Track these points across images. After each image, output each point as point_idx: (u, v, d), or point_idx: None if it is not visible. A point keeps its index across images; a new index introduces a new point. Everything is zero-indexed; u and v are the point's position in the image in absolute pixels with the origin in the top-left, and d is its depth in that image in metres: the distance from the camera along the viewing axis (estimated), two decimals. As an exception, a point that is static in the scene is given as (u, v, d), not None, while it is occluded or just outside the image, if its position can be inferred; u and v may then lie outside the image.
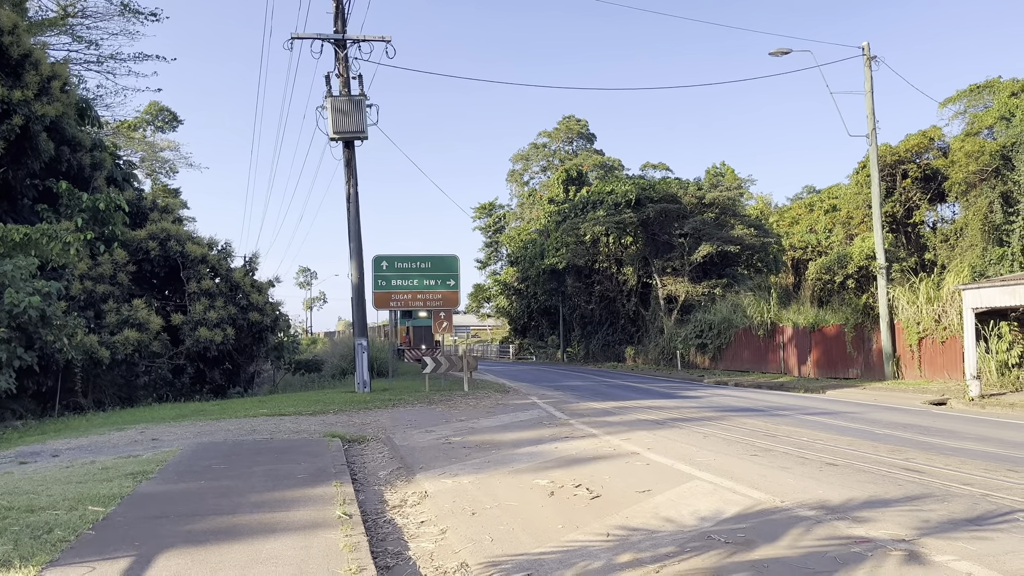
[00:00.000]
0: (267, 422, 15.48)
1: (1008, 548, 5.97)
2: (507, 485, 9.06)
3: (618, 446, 11.67)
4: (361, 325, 24.32)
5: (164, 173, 56.64)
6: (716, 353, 36.24)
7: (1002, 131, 28.77)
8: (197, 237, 27.68)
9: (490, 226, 77.23)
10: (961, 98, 35.44)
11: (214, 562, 5.78)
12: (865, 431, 13.49)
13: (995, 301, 18.91)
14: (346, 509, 7.43)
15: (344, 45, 23.52)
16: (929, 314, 24.23)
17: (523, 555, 6.28)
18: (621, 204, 44.00)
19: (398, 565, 6.32)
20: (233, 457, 10.82)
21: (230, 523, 6.98)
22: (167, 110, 56.21)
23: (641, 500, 8.03)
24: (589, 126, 73.76)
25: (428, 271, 25.05)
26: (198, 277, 26.07)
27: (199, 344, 24.73)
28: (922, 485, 8.51)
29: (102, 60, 35.57)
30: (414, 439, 13.30)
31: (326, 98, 23.24)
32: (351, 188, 23.78)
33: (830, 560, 5.78)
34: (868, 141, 26.34)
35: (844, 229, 35.08)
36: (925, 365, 24.47)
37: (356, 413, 17.59)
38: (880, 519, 6.94)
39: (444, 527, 7.37)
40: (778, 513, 7.29)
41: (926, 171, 28.89)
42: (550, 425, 14.56)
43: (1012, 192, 24.68)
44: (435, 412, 17.53)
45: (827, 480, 8.84)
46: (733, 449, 11.29)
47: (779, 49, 25.96)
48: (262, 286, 28.35)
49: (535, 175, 75.78)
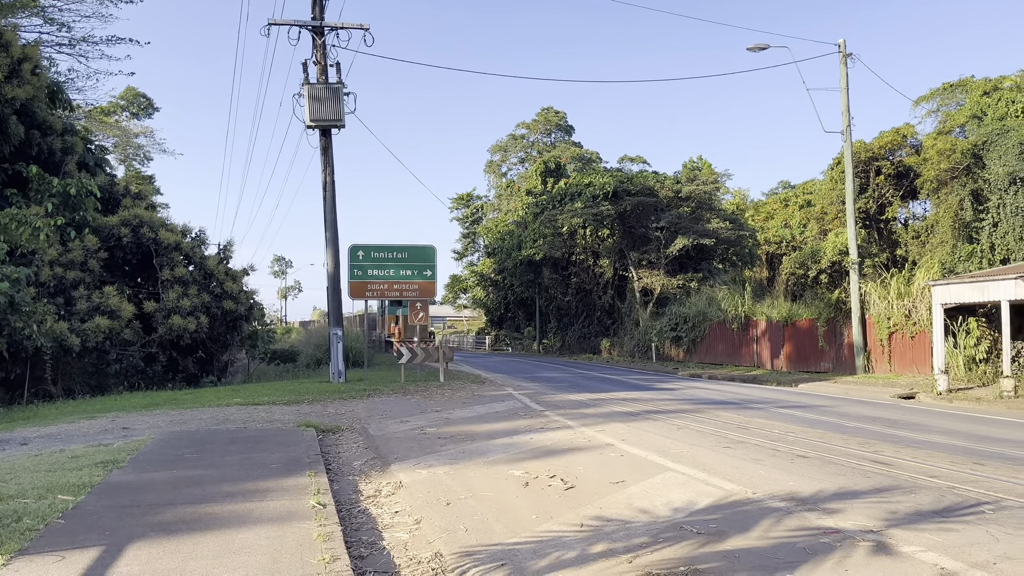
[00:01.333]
0: (241, 411, 15.36)
1: (973, 540, 6.09)
2: (482, 476, 9.08)
3: (593, 437, 11.73)
4: (336, 315, 24.20)
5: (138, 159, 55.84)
6: (691, 346, 36.52)
7: (973, 130, 29.20)
8: (171, 224, 27.36)
9: (468, 217, 77.10)
10: (934, 96, 35.94)
11: (185, 552, 5.74)
12: (835, 424, 13.68)
13: (964, 297, 19.23)
14: (320, 499, 7.41)
15: (322, 32, 23.30)
16: (900, 309, 24.58)
17: (497, 545, 6.30)
18: (599, 196, 44.10)
19: (372, 555, 6.31)
20: (206, 446, 10.73)
21: (202, 513, 6.93)
22: (143, 96, 55.39)
23: (615, 491, 8.09)
24: (567, 118, 73.84)
25: (405, 261, 24.95)
26: (171, 264, 25.78)
27: (172, 332, 24.48)
28: (890, 477, 8.65)
29: (74, 43, 34.98)
30: (389, 429, 13.27)
31: (303, 85, 23.02)
32: (327, 176, 23.60)
33: (800, 551, 5.86)
34: (843, 138, 26.61)
35: (818, 224, 35.44)
36: (895, 359, 24.83)
37: (331, 403, 17.51)
38: (849, 510, 7.05)
39: (418, 517, 7.37)
40: (750, 504, 7.38)
41: (899, 168, 29.24)
42: (525, 416, 14.60)
43: (982, 190, 25.06)
44: (410, 402, 17.50)
45: (798, 472, 8.95)
46: (706, 441, 11.39)
47: (757, 45, 26.12)
48: (236, 274, 28.11)
49: (513, 166, 75.75)
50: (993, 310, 20.05)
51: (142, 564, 5.46)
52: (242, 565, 5.44)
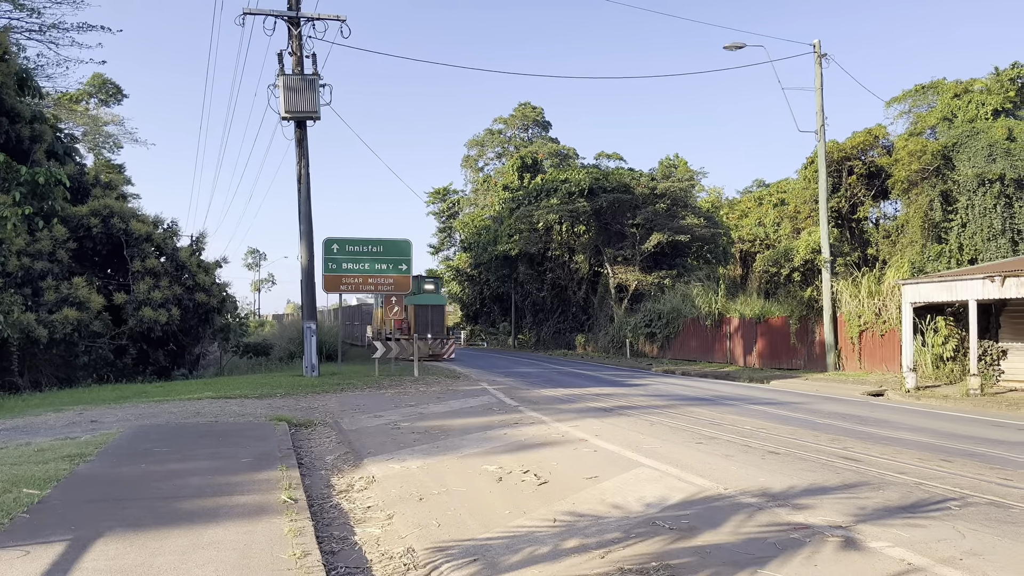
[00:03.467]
0: (212, 405, 15.21)
1: (939, 536, 6.18)
2: (455, 471, 9.06)
3: (567, 433, 11.76)
4: (310, 308, 24.03)
5: (108, 148, 54.88)
6: (664, 342, 36.72)
7: (944, 131, 29.60)
8: (142, 215, 26.99)
9: (444, 211, 76.87)
10: (907, 98, 36.36)
11: (153, 547, 5.66)
12: (806, 420, 13.83)
13: (932, 297, 19.51)
14: (292, 494, 7.35)
15: (298, 23, 23.08)
16: (870, 308, 24.89)
17: (470, 540, 6.29)
18: (575, 193, 44.17)
19: (344, 550, 6.28)
20: (176, 440, 10.60)
21: (171, 508, 6.84)
22: (111, 83, 54.41)
23: (588, 486, 8.11)
24: (545, 114, 73.74)
25: (380, 255, 24.82)
26: (142, 256, 25.44)
27: (143, 324, 24.16)
28: (859, 473, 8.76)
29: (44, 29, 34.23)
30: (362, 424, 13.21)
31: (278, 76, 22.80)
32: (302, 168, 23.40)
33: (770, 546, 5.92)
34: (817, 137, 26.86)
35: (792, 223, 35.76)
36: (865, 357, 25.16)
37: (304, 397, 17.40)
38: (819, 506, 7.13)
39: (391, 512, 7.34)
40: (721, 500, 7.43)
41: (871, 168, 29.58)
42: (500, 411, 14.60)
43: (951, 191, 25.43)
44: (384, 397, 17.43)
45: (769, 468, 9.03)
46: (679, 437, 11.46)
47: (734, 43, 26.27)
48: (209, 266, 27.81)
49: (490, 161, 75.59)
50: (961, 309, 20.36)
51: (109, 559, 5.38)
52: (211, 560, 5.38)
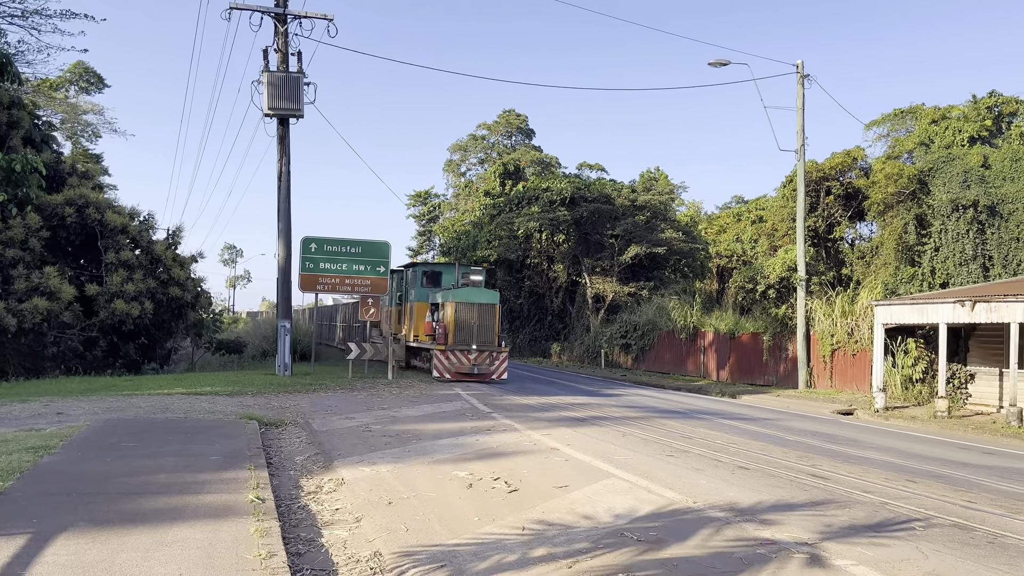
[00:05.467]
0: (182, 401, 15.04)
1: (903, 556, 6.25)
2: (426, 476, 9.03)
3: (539, 441, 11.76)
4: (285, 306, 23.87)
5: (86, 137, 54.22)
6: (639, 354, 36.87)
7: (921, 156, 30.12)
8: (118, 206, 26.67)
9: (424, 214, 76.70)
10: (885, 121, 36.99)
11: (116, 543, 5.58)
12: (777, 437, 13.94)
13: (904, 318, 19.77)
14: (259, 493, 7.28)
15: (285, 20, 22.97)
16: (843, 327, 25.17)
17: (438, 546, 6.26)
18: (556, 201, 44.29)
19: (310, 552, 6.22)
20: (143, 435, 10.47)
21: (136, 504, 6.75)
22: (92, 71, 53.77)
23: (558, 495, 8.11)
24: (529, 122, 73.93)
25: (358, 256, 24.67)
26: (117, 248, 25.13)
27: (114, 317, 23.86)
28: (827, 491, 8.84)
29: (27, 14, 33.78)
30: (334, 425, 13.12)
31: (263, 72, 22.67)
32: (283, 166, 23.27)
33: (736, 561, 5.95)
34: (796, 157, 27.16)
35: (769, 240, 36.12)
36: (836, 376, 25.42)
37: (275, 396, 17.25)
38: (786, 522, 7.18)
39: (359, 515, 7.29)
40: (690, 513, 7.46)
41: (848, 189, 29.97)
42: (473, 418, 14.57)
43: (926, 215, 25.83)
44: (357, 399, 17.33)
45: (738, 483, 9.09)
46: (650, 449, 11.51)
47: (718, 60, 26.51)
48: (184, 261, 27.55)
49: (472, 167, 75.58)
50: (931, 332, 20.65)
51: (70, 554, 5.30)
52: (174, 559, 5.32)
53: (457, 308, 21.13)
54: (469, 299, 21.49)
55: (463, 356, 20.84)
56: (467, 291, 21.63)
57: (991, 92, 32.23)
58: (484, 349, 21.03)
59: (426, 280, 24.70)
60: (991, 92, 32.23)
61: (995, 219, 24.34)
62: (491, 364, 21.33)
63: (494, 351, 21.26)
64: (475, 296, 21.68)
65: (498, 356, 21.35)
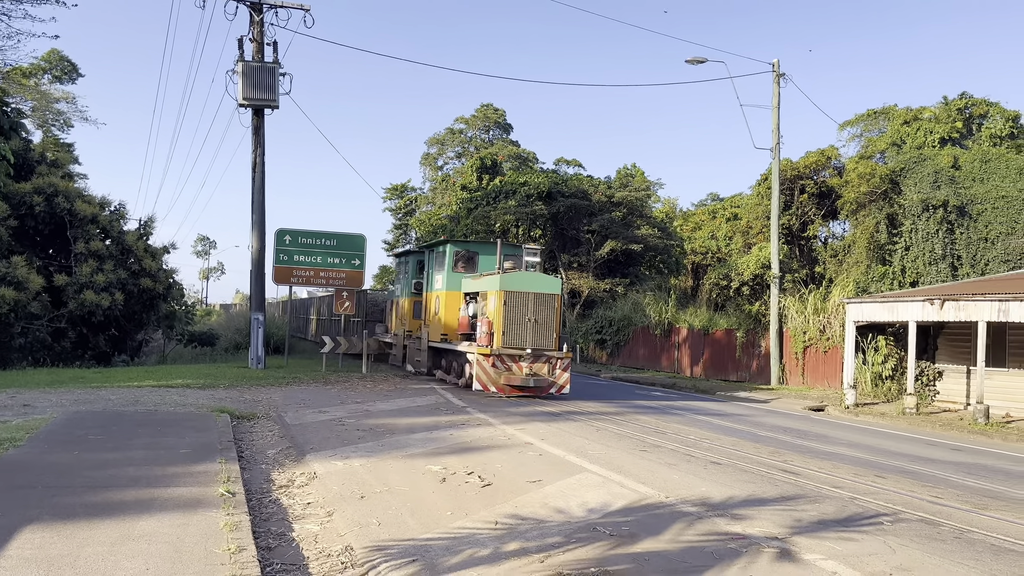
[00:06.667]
0: (152, 393, 14.85)
1: (871, 550, 6.32)
2: (399, 470, 8.99)
3: (513, 436, 11.75)
4: (259, 299, 23.65)
5: (58, 126, 53.33)
6: (614, 349, 37.02)
7: (893, 156, 30.50)
8: (88, 195, 26.26)
9: (401, 208, 76.35)
10: (859, 122, 37.40)
11: (82, 537, 5.49)
12: (749, 432, 14.06)
13: (875, 316, 20.02)
14: (230, 487, 7.20)
15: (260, 9, 22.70)
16: (815, 324, 25.44)
17: (410, 540, 6.24)
18: (533, 196, 44.29)
19: (280, 546, 6.17)
20: (112, 428, 10.32)
21: (103, 497, 6.65)
22: (67, 60, 52.91)
23: (532, 490, 8.11)
24: (507, 116, 73.85)
25: (333, 248, 24.52)
26: (87, 237, 24.73)
27: (84, 308, 23.49)
28: (797, 486, 8.92)
29: (-5, -2, 33.13)
30: (307, 419, 13.02)
31: (237, 62, 22.39)
32: (258, 157, 23.03)
33: (707, 555, 5.99)
34: (772, 155, 27.37)
35: (743, 238, 36.39)
36: (808, 372, 25.70)
37: (248, 389, 17.09)
38: (757, 517, 7.24)
39: (331, 509, 7.24)
40: (662, 508, 7.50)
41: (822, 188, 30.26)
42: (447, 412, 14.53)
43: (897, 215, 26.15)
44: (330, 393, 17.22)
45: (711, 478, 9.15)
46: (624, 444, 11.55)
47: (695, 57, 26.63)
48: (156, 252, 27.19)
49: (449, 160, 75.33)
50: (901, 330, 20.93)
51: (35, 548, 5.21)
52: (141, 553, 5.24)
53: (507, 299, 16.70)
54: (524, 286, 17.00)
55: (515, 364, 16.60)
56: (521, 276, 17.29)
57: (962, 94, 32.71)
58: (542, 354, 16.80)
59: (458, 263, 20.16)
60: (962, 94, 32.71)
61: (964, 219, 24.71)
62: (551, 374, 16.93)
63: (554, 357, 16.97)
64: (531, 283, 17.23)
65: (559, 363, 17.06)
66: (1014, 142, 29.67)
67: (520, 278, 17.24)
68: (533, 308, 16.89)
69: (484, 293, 17.83)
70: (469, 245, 21.57)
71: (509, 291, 16.85)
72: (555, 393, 17.24)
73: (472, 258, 20.27)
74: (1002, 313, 16.46)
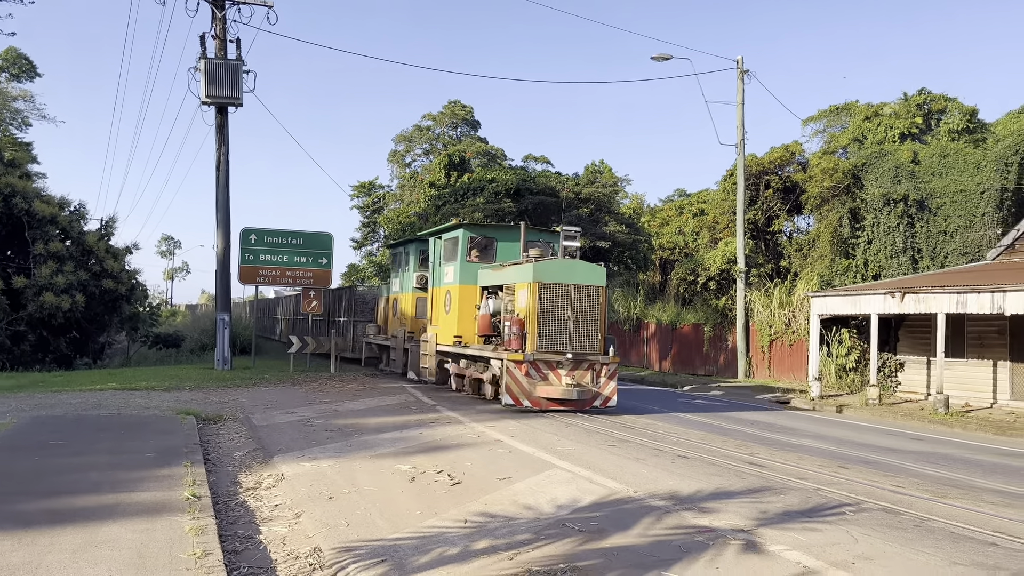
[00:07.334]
0: (115, 396, 14.62)
1: (834, 540, 6.43)
2: (368, 470, 8.95)
3: (483, 433, 11.76)
4: (224, 299, 23.37)
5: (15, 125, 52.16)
6: (584, 345, 37.16)
7: (855, 151, 30.96)
8: (47, 195, 25.72)
9: (368, 206, 75.84)
10: (822, 117, 37.87)
11: (43, 544, 5.40)
12: (716, 426, 14.21)
13: (838, 309, 20.34)
14: (195, 491, 7.12)
15: (222, 5, 22.41)
16: (781, 318, 25.80)
17: (379, 540, 6.21)
18: (501, 193, 44.27)
19: (247, 549, 6.11)
20: (74, 433, 10.14)
21: (65, 503, 6.53)
22: (24, 57, 51.78)
23: (501, 487, 8.13)
24: (475, 113, 73.71)
25: (300, 247, 24.29)
26: (46, 238, 24.24)
27: (43, 310, 23.03)
28: (763, 479, 9.04)
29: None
30: (274, 420, 12.91)
31: (200, 60, 22.08)
32: (222, 155, 22.75)
33: (675, 548, 6.05)
34: (737, 151, 27.68)
35: (710, 233, 36.74)
36: (774, 365, 26.05)
37: (214, 391, 16.89)
38: (724, 510, 7.32)
39: (299, 511, 7.19)
40: (631, 503, 7.55)
41: (787, 183, 30.64)
42: (417, 411, 14.49)
43: (859, 209, 26.59)
44: (298, 393, 17.08)
45: (679, 472, 9.23)
46: (593, 439, 11.61)
47: (661, 55, 26.86)
48: (118, 252, 26.75)
49: (417, 157, 74.99)
50: (864, 322, 21.30)
51: (-8, 558, 5.10)
52: (104, 559, 5.16)
53: (543, 292, 14.19)
54: (562, 277, 14.45)
55: (552, 371, 14.16)
56: (558, 265, 14.72)
57: (921, 90, 33.25)
58: (584, 359, 14.26)
59: (473, 250, 17.55)
60: (921, 90, 33.25)
61: (924, 213, 25.20)
62: (594, 382, 14.42)
63: (599, 362, 14.39)
64: (571, 273, 14.63)
65: (605, 369, 14.49)
66: (971, 137, 30.23)
67: (557, 267, 14.65)
68: (574, 303, 14.39)
69: (511, 286, 15.35)
70: (486, 229, 18.76)
71: (544, 283, 14.28)
72: (600, 406, 14.63)
73: (489, 245, 17.76)
74: (960, 305, 16.81)
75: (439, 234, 19.08)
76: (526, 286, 14.46)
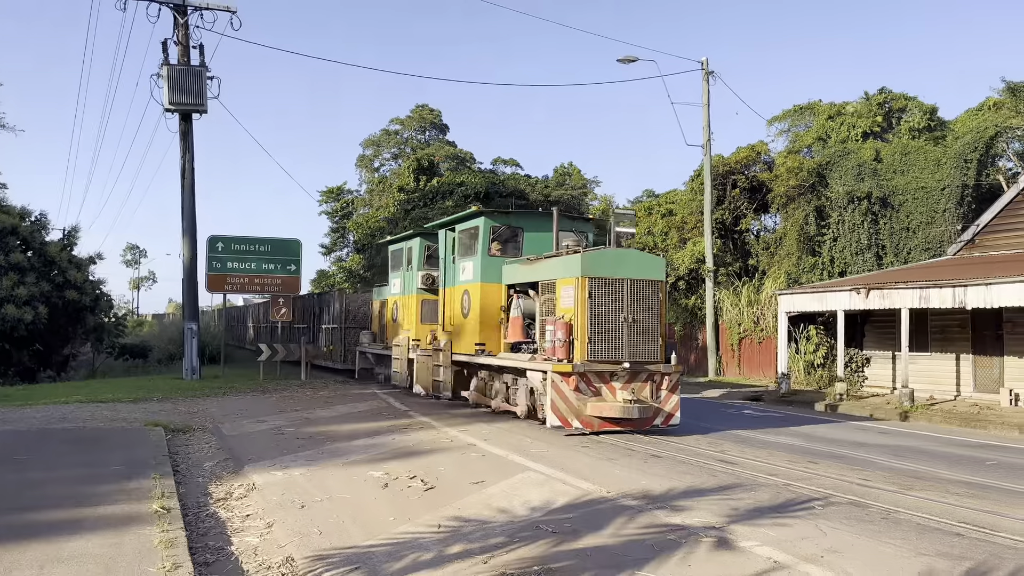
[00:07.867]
0: (81, 409, 14.37)
1: (803, 534, 6.52)
2: (340, 477, 8.90)
3: (456, 437, 11.74)
4: (192, 308, 23.11)
5: (-29, 133, 51.11)
6: (556, 347, 37.25)
7: (819, 151, 31.42)
8: (8, 206, 25.27)
9: (337, 211, 75.34)
10: (787, 117, 38.38)
11: (7, 562, 5.29)
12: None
13: (806, 306, 20.61)
14: (164, 503, 7.03)
15: (184, 11, 22.17)
16: (749, 316, 26.08)
17: (352, 548, 6.18)
18: (470, 196, 44.34)
19: (218, 561, 6.04)
20: (38, 447, 9.95)
21: (30, 519, 6.41)
22: (-22, 64, 50.87)
23: (475, 491, 8.12)
24: (443, 116, 73.59)
25: (267, 255, 24.06)
26: (6, 250, 23.81)
27: (5, 323, 22.61)
28: (734, 476, 9.14)
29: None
30: (244, 429, 12.78)
31: (162, 66, 21.83)
32: (187, 163, 22.49)
33: (648, 547, 6.09)
34: (703, 151, 27.94)
35: (678, 233, 36.98)
36: (744, 363, 26.32)
37: (182, 401, 16.68)
38: (696, 508, 7.39)
39: (271, 520, 7.12)
40: (604, 503, 7.59)
41: (753, 183, 30.98)
42: (389, 416, 14.43)
43: (824, 207, 26.98)
44: (269, 402, 16.92)
45: (651, 471, 9.30)
46: (566, 441, 11.63)
47: (627, 57, 27.00)
48: (82, 262, 26.35)
49: (386, 162, 74.70)
50: (831, 319, 21.58)
51: (-45, 577, 5.00)
52: (71, 575, 5.08)
53: (593, 289, 11.84)
54: (616, 271, 12.10)
55: (605, 385, 11.92)
56: (610, 256, 12.33)
57: (881, 89, 33.81)
58: (643, 369, 12.09)
59: (495, 242, 14.95)
60: (881, 89, 33.81)
61: (887, 210, 25.63)
62: (655, 396, 12.23)
63: (659, 372, 12.25)
64: (626, 265, 12.26)
65: (667, 381, 12.35)
66: (931, 135, 30.82)
67: (610, 258, 12.23)
68: (630, 302, 12.04)
69: (549, 283, 12.87)
70: (510, 217, 15.66)
71: (595, 277, 11.89)
72: (661, 425, 12.45)
73: (514, 236, 15.13)
74: (923, 300, 17.12)
75: (452, 225, 16.42)
76: (572, 282, 12.05)
